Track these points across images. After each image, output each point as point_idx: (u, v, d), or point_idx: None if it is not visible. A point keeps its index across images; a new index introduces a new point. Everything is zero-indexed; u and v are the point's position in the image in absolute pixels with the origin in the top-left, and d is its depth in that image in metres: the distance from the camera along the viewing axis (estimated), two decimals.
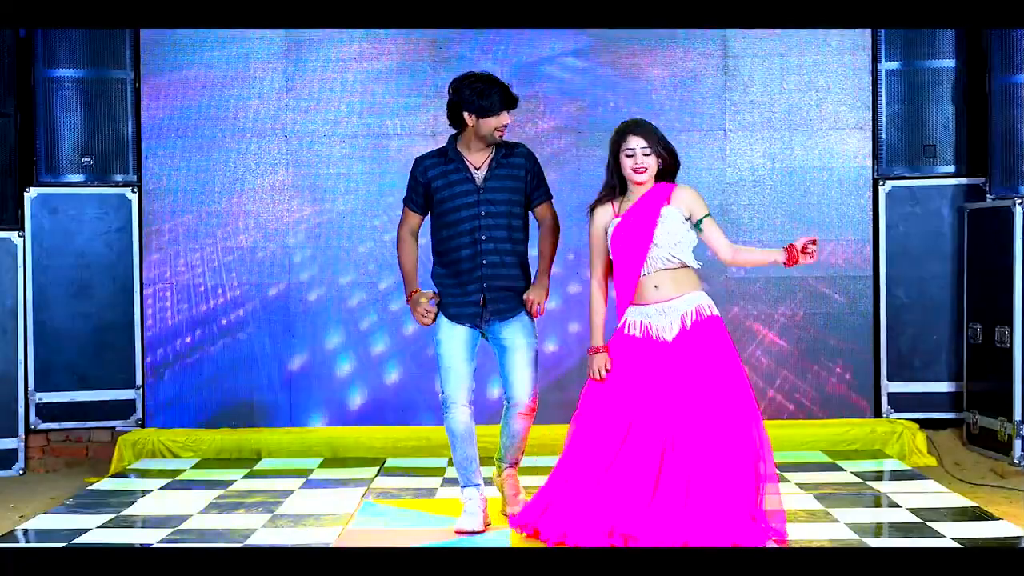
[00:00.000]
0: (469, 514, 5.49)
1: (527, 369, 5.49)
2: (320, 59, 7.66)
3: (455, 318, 5.49)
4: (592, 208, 5.35)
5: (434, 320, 5.53)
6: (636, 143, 5.21)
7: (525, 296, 5.49)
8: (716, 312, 5.24)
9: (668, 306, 5.20)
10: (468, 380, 5.49)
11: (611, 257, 5.29)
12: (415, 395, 7.63)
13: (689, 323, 5.16)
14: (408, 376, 7.64)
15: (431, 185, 5.51)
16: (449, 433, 5.52)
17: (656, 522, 4.94)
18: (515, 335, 5.50)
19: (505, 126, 5.46)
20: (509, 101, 5.43)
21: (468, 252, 5.46)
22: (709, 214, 5.28)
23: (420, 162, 5.60)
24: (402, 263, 5.62)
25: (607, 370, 5.24)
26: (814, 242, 5.18)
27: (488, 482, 5.70)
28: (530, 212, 5.60)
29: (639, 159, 5.20)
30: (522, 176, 5.51)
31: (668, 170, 5.30)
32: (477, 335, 5.54)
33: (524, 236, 5.56)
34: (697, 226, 5.23)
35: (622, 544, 4.94)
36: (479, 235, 5.45)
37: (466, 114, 5.42)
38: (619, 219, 5.27)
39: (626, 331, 5.25)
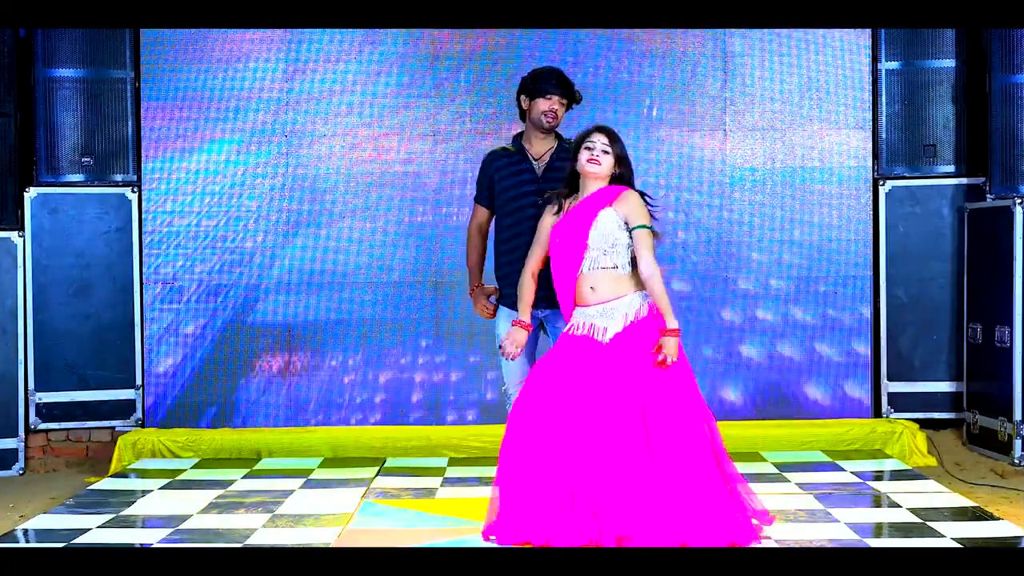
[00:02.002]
0: None
1: None
2: (320, 59, 7.67)
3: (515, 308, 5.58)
4: (545, 200, 5.41)
5: (493, 315, 5.73)
6: (598, 139, 5.27)
7: None
8: (652, 312, 5.21)
9: (609, 307, 5.20)
10: (524, 374, 5.57)
11: (548, 255, 5.35)
12: (416, 394, 7.63)
13: (625, 325, 5.15)
14: (409, 375, 7.64)
15: (494, 177, 5.72)
16: None
17: (640, 523, 4.95)
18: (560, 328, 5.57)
19: (554, 112, 5.62)
20: (561, 84, 5.61)
21: (528, 239, 5.55)
22: (645, 226, 5.22)
23: (487, 156, 5.84)
24: (468, 257, 5.89)
25: (518, 349, 5.34)
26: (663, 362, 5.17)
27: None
28: None
29: (597, 152, 5.24)
30: None
31: (623, 179, 5.30)
32: (535, 327, 5.63)
33: None
34: (629, 233, 5.22)
35: (614, 545, 4.95)
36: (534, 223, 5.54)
37: (522, 98, 5.69)
38: (559, 217, 5.32)
39: (571, 332, 5.25)
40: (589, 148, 5.25)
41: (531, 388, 5.22)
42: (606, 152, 5.25)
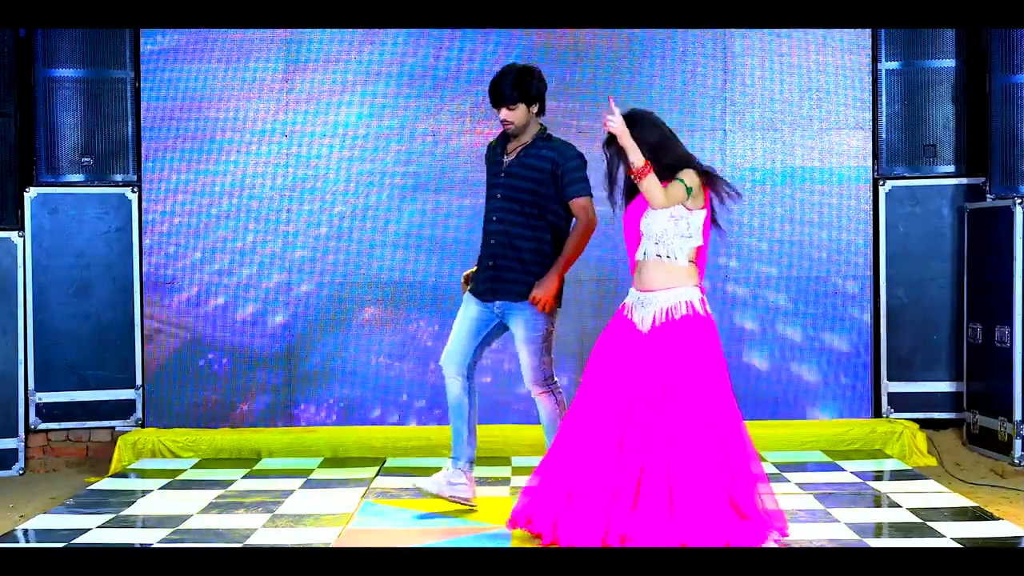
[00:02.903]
0: (435, 480, 5.87)
1: (527, 359, 5.75)
2: (320, 59, 7.67)
3: (472, 290, 5.87)
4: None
5: (466, 289, 5.97)
6: (606, 151, 5.36)
7: (533, 290, 5.70)
8: (699, 311, 5.18)
9: (648, 297, 5.21)
10: (465, 355, 5.83)
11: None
12: (416, 394, 7.63)
13: (664, 319, 5.15)
14: (410, 375, 7.64)
15: (485, 163, 5.97)
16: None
17: (644, 522, 4.94)
18: (517, 327, 5.78)
19: (508, 121, 5.73)
20: (499, 97, 5.70)
21: (487, 228, 5.83)
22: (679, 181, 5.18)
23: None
24: None
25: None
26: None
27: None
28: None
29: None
30: (547, 169, 5.71)
31: (664, 166, 5.24)
32: (490, 316, 5.81)
33: (547, 228, 5.74)
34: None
35: (617, 544, 4.95)
36: (492, 215, 5.80)
37: None
38: (631, 203, 5.39)
39: (623, 312, 5.30)
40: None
41: (586, 377, 5.28)
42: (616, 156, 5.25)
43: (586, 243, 5.76)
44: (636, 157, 5.08)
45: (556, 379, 5.83)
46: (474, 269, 5.93)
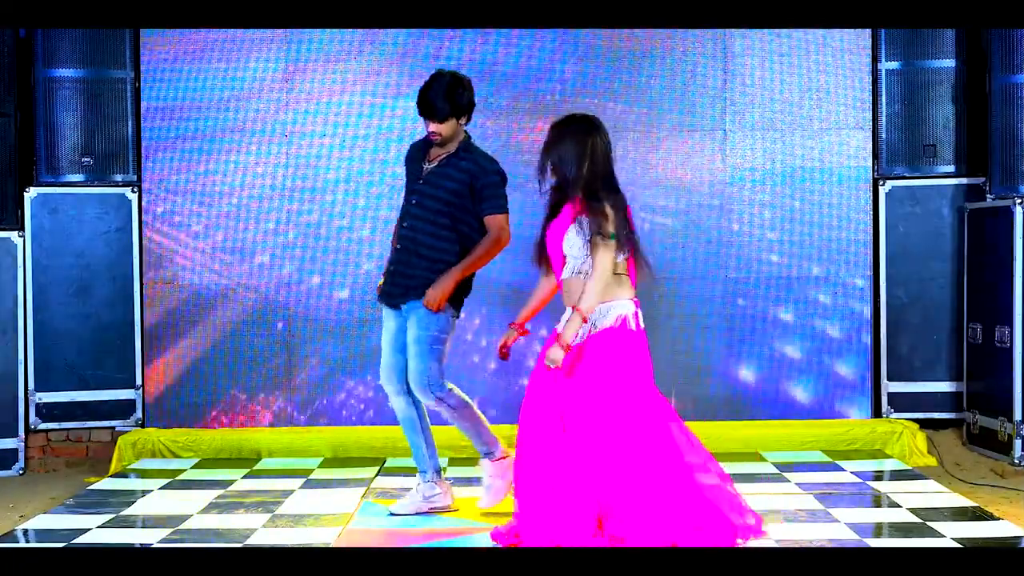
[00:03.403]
0: (410, 500, 5.88)
1: (414, 362, 5.68)
2: (320, 59, 7.66)
3: (383, 302, 5.86)
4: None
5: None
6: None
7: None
8: (617, 324, 5.12)
9: (570, 313, 5.16)
10: (399, 368, 5.80)
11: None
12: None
13: (586, 333, 5.12)
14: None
15: (405, 165, 5.92)
16: None
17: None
18: (409, 327, 5.72)
19: (435, 133, 5.70)
20: (423, 110, 5.70)
21: (397, 232, 5.82)
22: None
23: (411, 144, 6.03)
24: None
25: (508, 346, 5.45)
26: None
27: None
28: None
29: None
30: (465, 181, 5.66)
31: (568, 183, 5.22)
32: (405, 322, 5.76)
33: (457, 240, 5.68)
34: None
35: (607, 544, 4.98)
36: (404, 221, 5.77)
37: None
38: (553, 222, 5.27)
39: (558, 328, 5.23)
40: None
41: (528, 391, 5.27)
42: (543, 173, 5.22)
43: (492, 256, 5.72)
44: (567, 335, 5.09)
45: (451, 390, 5.73)
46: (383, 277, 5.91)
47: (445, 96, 5.61)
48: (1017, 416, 7.00)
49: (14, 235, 7.38)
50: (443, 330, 5.68)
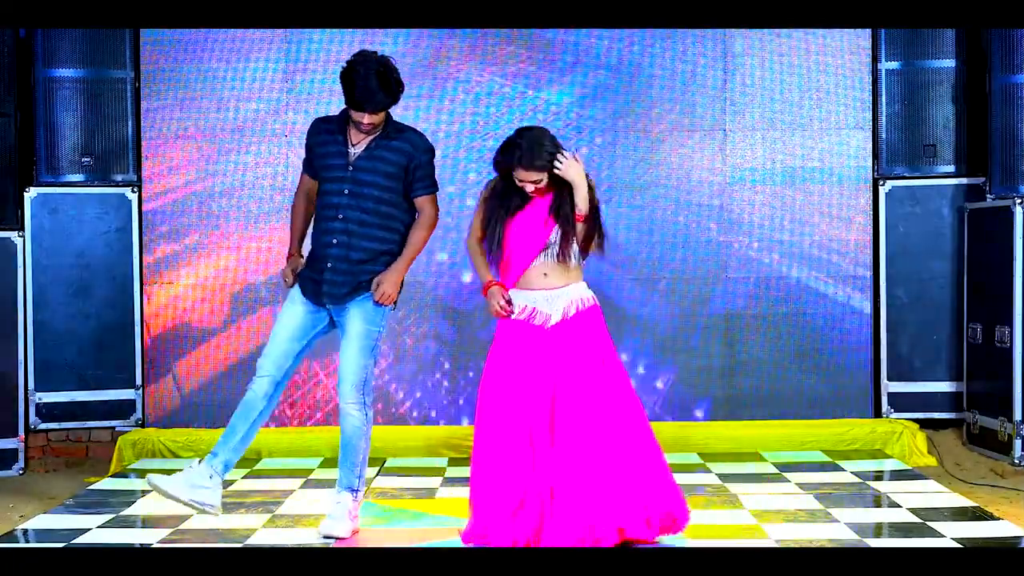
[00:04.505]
0: (174, 480, 5.30)
1: (356, 356, 5.36)
2: (320, 59, 7.66)
3: (302, 289, 5.43)
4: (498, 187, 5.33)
5: (292, 285, 5.51)
6: (528, 177, 5.21)
7: (375, 280, 5.35)
8: (595, 302, 5.31)
9: (555, 294, 5.25)
10: (286, 357, 5.41)
11: (505, 243, 5.29)
12: (416, 394, 7.63)
13: (572, 312, 5.24)
14: (410, 375, 7.64)
15: (314, 149, 5.46)
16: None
17: (562, 521, 5.01)
18: (353, 320, 5.37)
19: (366, 124, 5.27)
20: (362, 100, 5.19)
21: (326, 226, 5.36)
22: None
23: (314, 123, 5.53)
24: (291, 223, 5.63)
25: (507, 304, 5.25)
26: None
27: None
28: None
29: (531, 190, 5.25)
30: (401, 163, 5.33)
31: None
32: (321, 320, 5.46)
33: (399, 228, 5.41)
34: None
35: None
36: (337, 213, 5.33)
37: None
38: (523, 208, 5.28)
39: (520, 315, 5.25)
40: (523, 183, 5.23)
41: (488, 385, 5.24)
42: (538, 183, 5.23)
43: (428, 239, 5.51)
44: (584, 204, 5.20)
45: (373, 394, 5.47)
46: (300, 261, 5.51)
47: (384, 88, 5.18)
48: (1017, 416, 7.00)
49: (14, 235, 7.38)
50: (384, 326, 5.45)
